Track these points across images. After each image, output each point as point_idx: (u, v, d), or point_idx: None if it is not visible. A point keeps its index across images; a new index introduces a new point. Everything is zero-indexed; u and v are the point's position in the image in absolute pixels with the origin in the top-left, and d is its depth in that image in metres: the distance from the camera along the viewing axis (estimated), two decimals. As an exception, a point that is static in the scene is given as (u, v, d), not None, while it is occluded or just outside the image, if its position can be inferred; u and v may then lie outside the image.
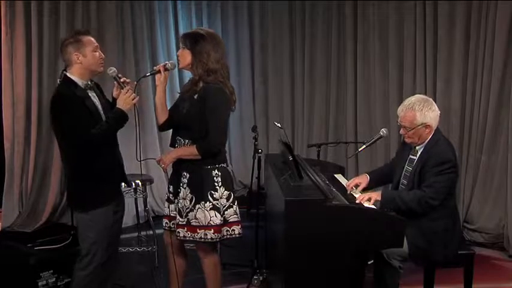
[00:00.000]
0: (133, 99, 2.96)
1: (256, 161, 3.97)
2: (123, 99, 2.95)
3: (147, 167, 5.10)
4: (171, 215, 3.17)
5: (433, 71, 4.99)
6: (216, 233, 3.01)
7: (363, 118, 5.62)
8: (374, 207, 3.00)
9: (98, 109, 2.98)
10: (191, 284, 3.48)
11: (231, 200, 3.06)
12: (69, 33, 3.60)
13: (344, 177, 3.77)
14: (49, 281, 3.54)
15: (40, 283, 3.50)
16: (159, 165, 3.09)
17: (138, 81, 3.14)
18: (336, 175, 3.74)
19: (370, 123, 5.55)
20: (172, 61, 3.16)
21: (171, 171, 3.18)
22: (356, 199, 3.08)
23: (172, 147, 3.14)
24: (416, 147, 3.18)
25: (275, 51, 6.18)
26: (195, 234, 3.01)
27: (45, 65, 5.06)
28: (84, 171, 2.93)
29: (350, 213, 2.86)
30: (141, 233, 4.85)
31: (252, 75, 6.31)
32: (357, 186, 3.36)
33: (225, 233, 3.07)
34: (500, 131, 4.69)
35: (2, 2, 4.94)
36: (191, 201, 3.02)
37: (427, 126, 3.08)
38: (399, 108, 3.18)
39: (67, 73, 2.95)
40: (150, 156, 4.83)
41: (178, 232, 3.07)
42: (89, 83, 3.00)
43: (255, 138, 3.99)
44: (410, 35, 5.13)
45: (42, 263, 3.54)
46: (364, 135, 5.41)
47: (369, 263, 3.47)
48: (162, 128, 3.23)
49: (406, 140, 3.21)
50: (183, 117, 3.04)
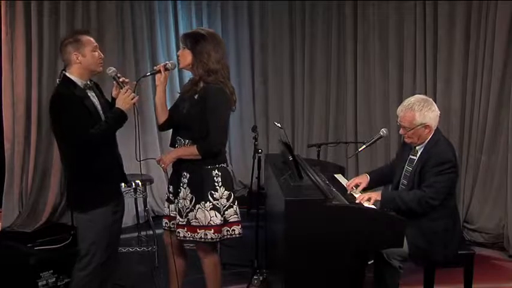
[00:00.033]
0: (132, 99, 2.96)
1: (256, 161, 3.97)
2: (122, 99, 2.94)
3: (147, 167, 5.10)
4: (171, 215, 3.17)
5: (433, 71, 4.99)
6: (216, 233, 3.01)
7: (363, 118, 5.62)
8: (374, 207, 3.00)
9: (97, 109, 2.98)
10: (191, 284, 3.48)
11: (231, 200, 3.06)
12: (69, 33, 3.59)
13: (344, 177, 3.77)
14: (49, 281, 3.54)
15: (40, 283, 3.50)
16: (159, 165, 3.09)
17: (138, 81, 3.14)
18: (336, 175, 3.74)
19: (370, 123, 5.55)
20: (172, 61, 3.16)
21: (171, 171, 3.18)
22: (356, 199, 3.08)
23: (172, 147, 3.14)
24: (416, 147, 3.17)
25: (275, 51, 6.18)
26: (195, 234, 3.01)
27: (45, 65, 5.06)
28: (83, 171, 2.93)
29: (350, 213, 2.86)
30: (141, 233, 4.85)
31: (252, 75, 6.31)
32: (357, 186, 3.36)
33: (225, 233, 3.07)
34: (500, 131, 4.69)
35: (2, 2, 4.94)
36: (191, 201, 3.02)
37: (427, 126, 3.08)
38: (399, 108, 3.18)
39: (66, 73, 2.94)
40: (150, 156, 4.83)
41: (178, 232, 3.07)
42: (88, 82, 2.99)
43: (255, 138, 3.99)
44: (410, 35, 5.13)
45: (42, 263, 3.54)
46: (364, 135, 5.41)
47: (369, 263, 3.47)
48: (162, 128, 3.23)
49: (405, 140, 3.21)
50: (183, 117, 3.04)
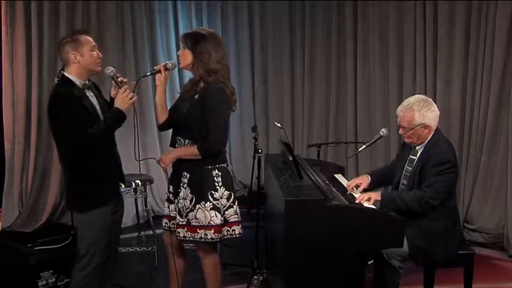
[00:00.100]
0: (131, 99, 2.95)
1: (256, 161, 3.97)
2: (121, 99, 2.94)
3: (147, 167, 5.10)
4: (171, 215, 3.17)
5: (433, 71, 4.99)
6: (216, 233, 3.01)
7: (363, 118, 5.62)
8: (374, 207, 2.99)
9: (96, 109, 2.97)
10: (191, 284, 3.48)
11: (231, 200, 3.06)
12: (68, 32, 3.59)
13: (344, 177, 3.77)
14: (49, 281, 3.54)
15: (40, 283, 3.50)
16: (159, 165, 3.09)
17: (138, 81, 3.14)
18: (336, 175, 3.74)
19: (370, 123, 5.55)
20: (172, 61, 3.16)
21: (171, 171, 3.18)
22: (356, 199, 3.08)
23: (172, 147, 3.14)
24: (416, 148, 3.17)
25: (275, 51, 6.18)
26: (195, 234, 3.01)
27: (45, 65, 5.06)
28: (82, 172, 2.92)
29: (350, 213, 2.86)
30: (141, 233, 4.85)
31: (252, 75, 6.31)
32: (357, 187, 3.36)
33: (226, 233, 3.07)
34: (500, 131, 4.69)
35: (2, 2, 4.94)
36: (191, 201, 3.01)
37: (426, 126, 3.08)
38: (398, 108, 3.18)
39: (65, 72, 2.93)
40: (150, 156, 4.84)
41: (178, 232, 3.07)
42: (87, 82, 2.99)
43: (255, 138, 3.99)
44: (410, 35, 5.13)
45: (42, 263, 3.54)
46: (364, 135, 5.41)
47: (369, 263, 3.47)
48: (162, 127, 3.23)
49: (405, 140, 3.21)
50: (183, 117, 3.04)
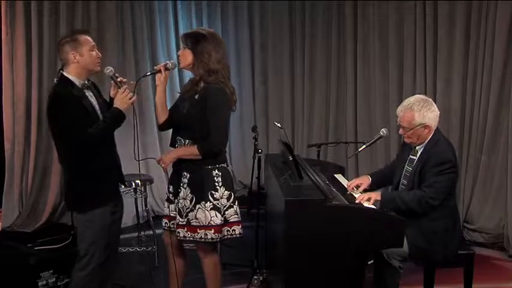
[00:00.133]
0: (130, 99, 2.95)
1: (256, 161, 3.97)
2: (120, 99, 2.94)
3: (147, 167, 5.10)
4: (171, 215, 3.17)
5: (433, 71, 4.99)
6: (216, 233, 3.01)
7: (363, 118, 5.61)
8: (374, 207, 2.99)
9: (95, 109, 2.97)
10: (191, 284, 3.48)
11: (231, 200, 3.06)
12: (67, 32, 3.59)
13: (344, 177, 3.77)
14: (49, 281, 3.55)
15: (40, 283, 3.50)
16: (159, 165, 3.09)
17: (138, 81, 3.14)
18: (336, 175, 3.74)
19: (370, 123, 5.55)
20: (173, 61, 3.16)
21: (171, 171, 3.18)
22: (356, 199, 3.08)
23: (172, 147, 3.14)
24: (416, 148, 3.17)
25: (275, 51, 6.18)
26: (195, 234, 3.01)
27: (45, 65, 5.06)
28: (81, 172, 2.91)
29: (350, 213, 2.85)
30: (141, 233, 4.85)
31: (252, 75, 6.31)
32: (357, 187, 3.36)
33: (226, 233, 3.07)
34: (500, 131, 4.68)
35: (2, 2, 4.94)
36: (191, 201, 3.01)
37: (426, 126, 3.08)
38: (398, 108, 3.18)
39: (64, 72, 2.93)
40: (150, 156, 4.83)
41: (178, 232, 3.07)
42: (86, 82, 2.98)
43: (255, 138, 3.99)
44: (410, 35, 5.13)
45: (42, 263, 3.54)
46: (364, 135, 5.41)
47: (369, 263, 3.47)
48: (162, 127, 3.22)
49: (405, 140, 3.21)
50: (184, 117, 3.04)
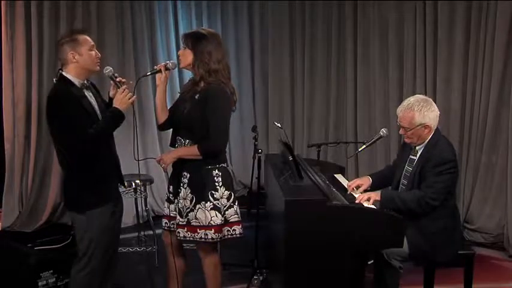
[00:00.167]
0: (129, 99, 2.94)
1: (256, 161, 3.97)
2: (120, 99, 2.93)
3: (147, 167, 5.10)
4: (171, 215, 3.17)
5: (433, 71, 4.99)
6: (216, 233, 3.01)
7: (362, 118, 5.61)
8: (374, 207, 2.99)
9: (95, 109, 2.96)
10: (191, 284, 3.48)
11: (231, 200, 3.06)
12: (67, 32, 3.58)
13: (344, 177, 3.77)
14: (49, 281, 3.54)
15: (40, 283, 3.50)
16: (160, 165, 3.09)
17: (138, 80, 3.15)
18: (336, 175, 3.74)
19: (370, 123, 5.55)
20: (173, 61, 3.16)
21: (171, 171, 3.18)
22: (355, 199, 3.08)
23: (172, 147, 3.14)
24: (417, 148, 3.17)
25: (275, 51, 6.18)
26: (195, 234, 3.01)
27: (45, 65, 5.06)
28: (81, 172, 2.91)
29: (350, 213, 2.86)
30: (141, 233, 4.85)
31: (252, 75, 6.31)
32: (358, 188, 3.36)
33: (226, 233, 3.07)
34: (500, 131, 4.68)
35: (2, 2, 4.94)
36: (191, 201, 3.01)
37: (426, 126, 3.08)
38: (398, 108, 3.18)
39: (63, 72, 2.92)
40: (150, 156, 4.84)
41: (178, 232, 3.07)
42: (85, 82, 2.98)
43: (255, 138, 3.99)
44: (410, 35, 5.13)
45: (42, 263, 3.54)
46: (364, 135, 5.41)
47: (369, 263, 3.47)
48: (162, 127, 3.23)
49: (405, 140, 3.21)
50: (184, 117, 3.03)
